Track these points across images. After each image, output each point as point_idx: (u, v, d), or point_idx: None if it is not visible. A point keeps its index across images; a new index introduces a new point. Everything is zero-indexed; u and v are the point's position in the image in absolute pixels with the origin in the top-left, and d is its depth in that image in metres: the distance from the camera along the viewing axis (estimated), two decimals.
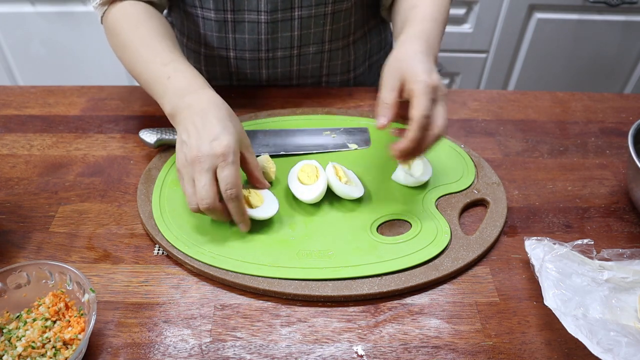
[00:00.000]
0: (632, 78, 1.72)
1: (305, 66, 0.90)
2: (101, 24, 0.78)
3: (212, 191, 0.59)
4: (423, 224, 0.65)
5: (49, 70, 1.67)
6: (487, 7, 1.53)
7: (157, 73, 0.68)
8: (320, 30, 0.85)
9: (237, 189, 0.59)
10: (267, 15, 0.81)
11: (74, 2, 1.53)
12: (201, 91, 0.65)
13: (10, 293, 0.54)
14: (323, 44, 0.88)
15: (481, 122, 0.86)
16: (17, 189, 0.72)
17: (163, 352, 0.53)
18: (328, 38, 0.87)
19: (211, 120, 0.61)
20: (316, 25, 0.84)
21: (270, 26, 0.82)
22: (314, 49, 0.88)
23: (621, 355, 0.48)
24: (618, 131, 0.85)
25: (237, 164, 0.60)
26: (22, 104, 0.88)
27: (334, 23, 0.85)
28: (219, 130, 0.60)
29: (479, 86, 1.74)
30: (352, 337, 0.55)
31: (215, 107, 0.63)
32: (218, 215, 0.61)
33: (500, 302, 0.58)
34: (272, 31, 0.83)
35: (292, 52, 0.87)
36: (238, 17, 0.82)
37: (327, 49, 0.89)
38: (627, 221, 0.69)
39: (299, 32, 0.84)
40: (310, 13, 0.82)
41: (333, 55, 0.90)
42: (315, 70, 0.92)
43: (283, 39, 0.85)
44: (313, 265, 0.60)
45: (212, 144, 0.59)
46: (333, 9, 0.83)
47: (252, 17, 0.82)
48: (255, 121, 0.82)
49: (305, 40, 0.86)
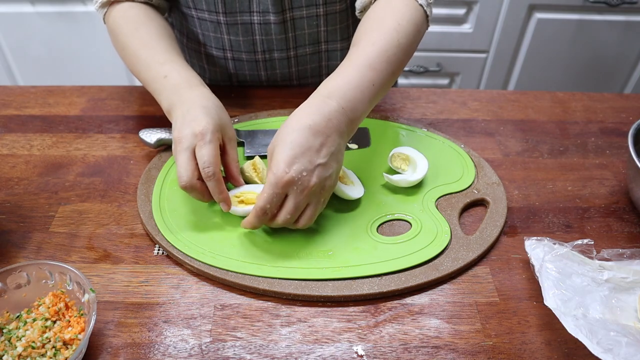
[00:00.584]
0: (632, 78, 1.72)
1: (303, 67, 0.90)
2: (104, 24, 0.80)
3: (190, 169, 0.60)
4: (423, 224, 0.65)
5: (49, 70, 1.67)
6: (487, 7, 1.53)
7: (154, 72, 0.69)
8: (314, 31, 0.85)
9: (214, 167, 0.59)
10: (259, 16, 0.81)
11: (74, 2, 1.53)
12: (195, 88, 0.67)
13: (10, 293, 0.54)
14: (319, 45, 0.88)
15: (481, 122, 0.86)
16: (17, 189, 0.72)
17: (163, 352, 0.53)
18: (324, 39, 0.87)
19: (196, 109, 0.63)
20: (310, 26, 0.84)
21: (263, 28, 0.82)
22: (311, 50, 0.88)
23: (621, 355, 0.48)
24: (618, 131, 0.85)
25: (214, 144, 0.60)
26: (22, 104, 0.88)
27: (328, 24, 0.85)
28: (200, 115, 0.62)
29: (479, 86, 1.74)
30: (352, 337, 0.55)
31: (205, 99, 0.65)
32: (196, 194, 0.62)
33: (500, 302, 0.58)
34: (266, 33, 0.83)
35: (289, 53, 0.87)
36: (230, 20, 0.82)
37: (325, 50, 0.89)
38: (627, 221, 0.69)
39: (293, 33, 0.84)
40: (302, 14, 0.82)
41: (331, 55, 0.90)
42: (314, 70, 0.91)
43: (278, 41, 0.85)
44: (313, 265, 0.60)
45: (191, 124, 0.61)
46: (325, 10, 0.83)
47: (244, 18, 0.82)
48: (255, 121, 0.82)
49: (300, 42, 0.86)
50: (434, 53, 1.63)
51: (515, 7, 1.53)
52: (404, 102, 0.90)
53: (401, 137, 0.80)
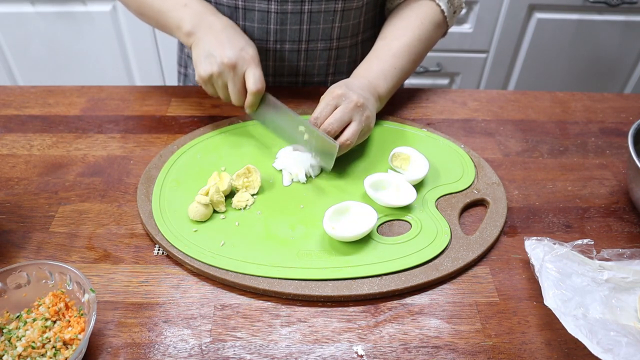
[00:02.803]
0: (632, 78, 1.72)
1: (312, 62, 0.91)
2: None
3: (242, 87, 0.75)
4: (423, 224, 0.65)
5: (49, 70, 1.67)
6: (487, 7, 1.53)
7: (172, 2, 0.78)
8: (329, 26, 0.86)
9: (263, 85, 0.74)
10: (277, 5, 0.82)
11: (74, 2, 1.53)
12: (218, 14, 0.77)
13: (10, 293, 0.54)
14: (331, 41, 0.88)
15: (481, 122, 0.86)
16: (17, 189, 0.72)
17: (163, 352, 0.53)
18: (336, 35, 0.88)
19: (234, 35, 0.74)
20: (325, 21, 0.85)
21: (279, 17, 0.83)
22: (322, 45, 0.88)
23: (621, 355, 0.48)
24: (618, 131, 0.85)
25: (260, 68, 0.74)
26: (22, 104, 0.88)
27: (343, 20, 0.86)
28: (244, 42, 0.74)
29: (479, 86, 1.74)
30: (352, 337, 0.55)
31: (234, 27, 0.76)
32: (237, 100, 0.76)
33: (500, 302, 0.58)
34: (281, 22, 0.84)
35: (300, 46, 0.87)
36: (249, 5, 0.83)
37: (335, 47, 0.89)
38: (627, 221, 0.69)
39: (308, 26, 0.85)
40: (320, 8, 0.83)
41: (340, 53, 0.91)
42: (322, 67, 0.92)
43: (292, 32, 0.85)
44: (313, 265, 0.60)
45: (242, 53, 0.73)
46: (343, 6, 0.83)
47: (262, 6, 0.82)
48: (254, 121, 0.83)
49: (313, 35, 0.86)
50: (434, 53, 1.63)
51: (515, 7, 1.53)
52: (404, 102, 0.90)
53: (401, 137, 0.80)
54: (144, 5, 0.81)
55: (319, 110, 0.71)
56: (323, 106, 0.71)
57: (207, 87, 0.76)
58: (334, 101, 0.71)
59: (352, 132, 0.70)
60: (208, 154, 0.76)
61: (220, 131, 0.81)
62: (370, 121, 0.73)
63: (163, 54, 1.64)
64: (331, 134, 0.69)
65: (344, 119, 0.70)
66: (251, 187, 0.69)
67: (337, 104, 0.71)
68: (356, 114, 0.70)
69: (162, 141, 0.80)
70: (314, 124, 0.70)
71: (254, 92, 0.73)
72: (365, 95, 0.73)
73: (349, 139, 0.70)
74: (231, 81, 0.73)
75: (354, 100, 0.70)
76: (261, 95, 0.75)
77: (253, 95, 0.74)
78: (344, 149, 0.70)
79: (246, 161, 0.74)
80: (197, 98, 0.90)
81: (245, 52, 0.73)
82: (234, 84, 0.74)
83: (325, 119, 0.70)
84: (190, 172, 0.73)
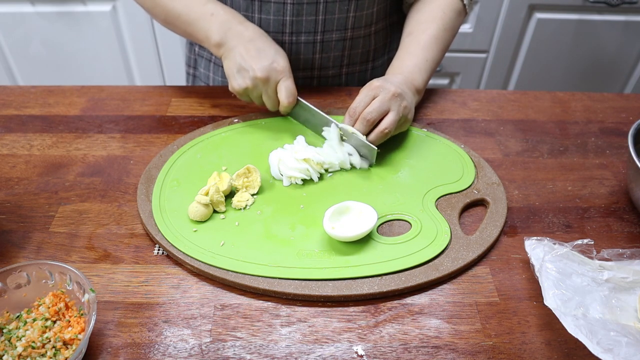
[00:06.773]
0: (632, 78, 1.72)
1: (327, 54, 0.91)
2: None
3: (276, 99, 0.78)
4: (423, 224, 0.65)
5: (49, 70, 1.67)
6: (487, 7, 1.53)
7: (199, 12, 0.79)
8: (343, 16, 0.86)
9: (294, 97, 0.77)
10: None
11: (74, 2, 1.53)
12: (246, 22, 0.78)
13: (10, 293, 0.54)
14: (346, 31, 0.88)
15: (481, 122, 0.86)
16: (17, 189, 0.72)
17: (163, 352, 0.53)
18: (351, 25, 0.88)
19: (264, 46, 0.76)
20: (340, 10, 0.85)
21: (295, 8, 0.84)
22: (337, 36, 0.89)
23: (621, 355, 0.48)
24: (618, 131, 0.85)
25: (292, 78, 0.77)
26: (22, 104, 0.88)
27: (357, 10, 0.86)
28: (273, 52, 0.76)
29: (479, 86, 1.74)
30: (352, 337, 0.55)
31: (262, 36, 0.78)
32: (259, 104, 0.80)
33: (500, 302, 0.58)
34: (297, 13, 0.84)
35: (316, 37, 0.88)
36: None
37: (350, 36, 0.90)
38: (627, 221, 0.69)
39: (323, 17, 0.85)
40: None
41: (355, 43, 0.91)
42: (336, 59, 0.92)
43: (307, 23, 0.86)
44: (313, 265, 0.60)
45: (273, 65, 0.75)
46: None
47: None
48: (256, 121, 0.83)
49: (328, 26, 0.87)
50: None
51: (515, 7, 1.53)
52: None
53: (401, 137, 0.80)
54: (170, 15, 0.82)
55: (358, 101, 0.73)
56: (362, 97, 0.73)
57: (242, 97, 0.79)
58: (372, 92, 0.73)
59: (391, 121, 0.72)
60: (208, 154, 0.76)
61: (220, 131, 0.81)
62: (408, 111, 0.75)
63: (163, 54, 1.64)
64: (370, 123, 0.72)
65: (382, 108, 0.72)
66: (251, 187, 0.69)
67: (375, 94, 0.73)
68: (394, 103, 0.73)
69: (162, 141, 0.80)
70: (353, 114, 0.73)
71: (286, 105, 0.77)
72: (403, 88, 0.76)
73: (387, 127, 0.72)
74: (265, 94, 0.77)
75: (391, 91, 0.73)
76: (293, 105, 0.78)
77: (285, 108, 0.78)
78: (382, 137, 0.73)
79: (246, 161, 0.74)
80: (197, 98, 0.90)
81: (276, 63, 0.75)
82: (267, 95, 0.77)
83: (364, 109, 0.72)
84: (190, 172, 0.73)
